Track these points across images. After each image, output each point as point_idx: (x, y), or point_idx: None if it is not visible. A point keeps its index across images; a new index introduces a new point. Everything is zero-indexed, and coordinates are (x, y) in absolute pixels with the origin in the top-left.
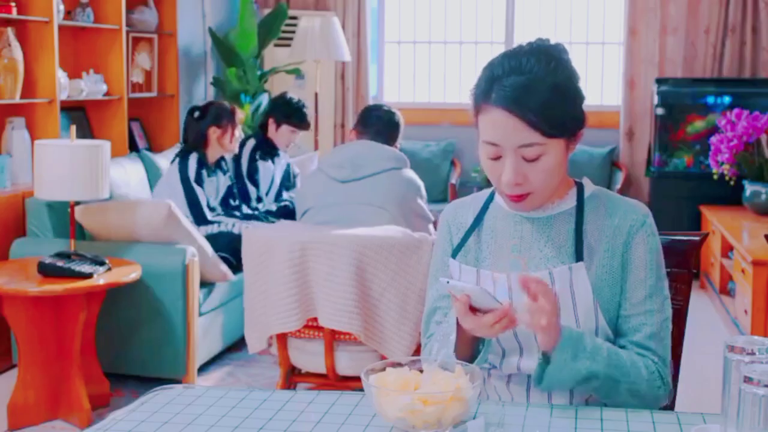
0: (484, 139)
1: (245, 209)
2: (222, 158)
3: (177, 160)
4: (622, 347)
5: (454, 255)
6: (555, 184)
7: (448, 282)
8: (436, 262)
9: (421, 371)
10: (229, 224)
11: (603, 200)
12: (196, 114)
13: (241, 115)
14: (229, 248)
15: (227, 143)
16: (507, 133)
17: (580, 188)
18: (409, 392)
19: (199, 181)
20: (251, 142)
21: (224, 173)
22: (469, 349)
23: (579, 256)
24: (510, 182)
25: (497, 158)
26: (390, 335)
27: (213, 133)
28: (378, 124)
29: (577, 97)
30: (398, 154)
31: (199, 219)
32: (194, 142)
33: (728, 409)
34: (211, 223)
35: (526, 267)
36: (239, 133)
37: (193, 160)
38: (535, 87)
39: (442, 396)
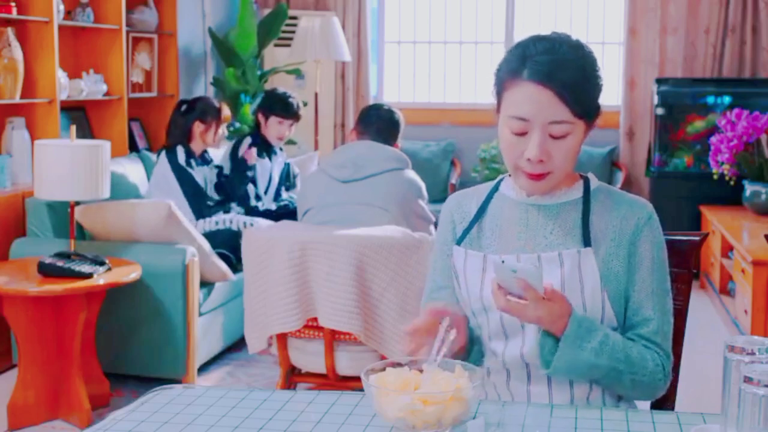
0: (512, 114)
1: (236, 208)
2: (205, 151)
3: (163, 153)
4: (630, 339)
5: (459, 242)
6: (570, 168)
7: (503, 262)
8: (437, 252)
9: (421, 371)
10: (227, 221)
11: (607, 194)
12: (183, 108)
13: (227, 112)
14: (228, 245)
15: (209, 139)
16: (540, 107)
17: (586, 181)
18: (409, 392)
19: (190, 169)
20: (247, 140)
21: (207, 164)
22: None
23: (587, 243)
24: (535, 157)
25: (522, 134)
26: (390, 335)
27: (197, 127)
28: (378, 123)
29: (599, 85)
30: (399, 155)
31: (203, 207)
32: (179, 135)
33: (728, 409)
34: (213, 212)
35: (532, 251)
36: (223, 131)
37: (180, 151)
38: (567, 66)
39: (442, 396)
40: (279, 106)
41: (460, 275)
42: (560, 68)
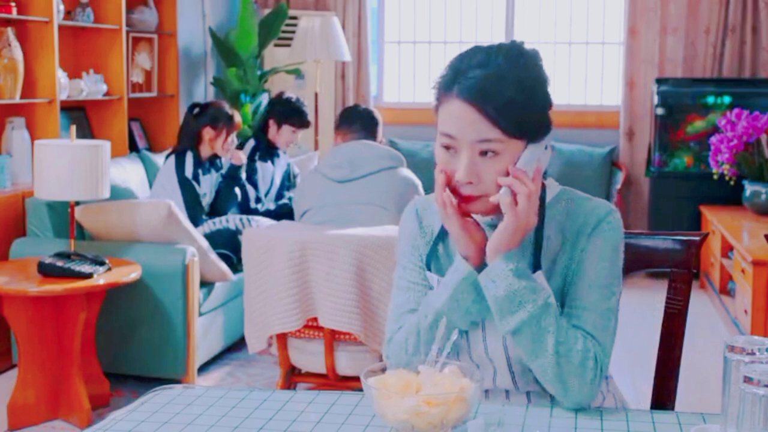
0: (442, 131)
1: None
2: (216, 156)
3: (173, 158)
4: None
5: (428, 266)
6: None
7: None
8: (409, 269)
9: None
10: (224, 220)
11: (567, 202)
12: (196, 111)
13: (238, 118)
14: (228, 245)
15: (219, 147)
16: (466, 126)
17: (542, 191)
18: (413, 394)
19: (197, 180)
20: (250, 143)
21: (217, 170)
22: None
23: (537, 265)
24: (462, 179)
25: (453, 151)
26: None
27: (206, 133)
28: (361, 121)
29: (543, 100)
30: (394, 153)
31: (198, 219)
32: (187, 139)
33: (728, 409)
34: (207, 221)
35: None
36: (233, 139)
37: (189, 159)
38: (499, 82)
39: (446, 397)
40: (296, 115)
41: None
42: (490, 85)
